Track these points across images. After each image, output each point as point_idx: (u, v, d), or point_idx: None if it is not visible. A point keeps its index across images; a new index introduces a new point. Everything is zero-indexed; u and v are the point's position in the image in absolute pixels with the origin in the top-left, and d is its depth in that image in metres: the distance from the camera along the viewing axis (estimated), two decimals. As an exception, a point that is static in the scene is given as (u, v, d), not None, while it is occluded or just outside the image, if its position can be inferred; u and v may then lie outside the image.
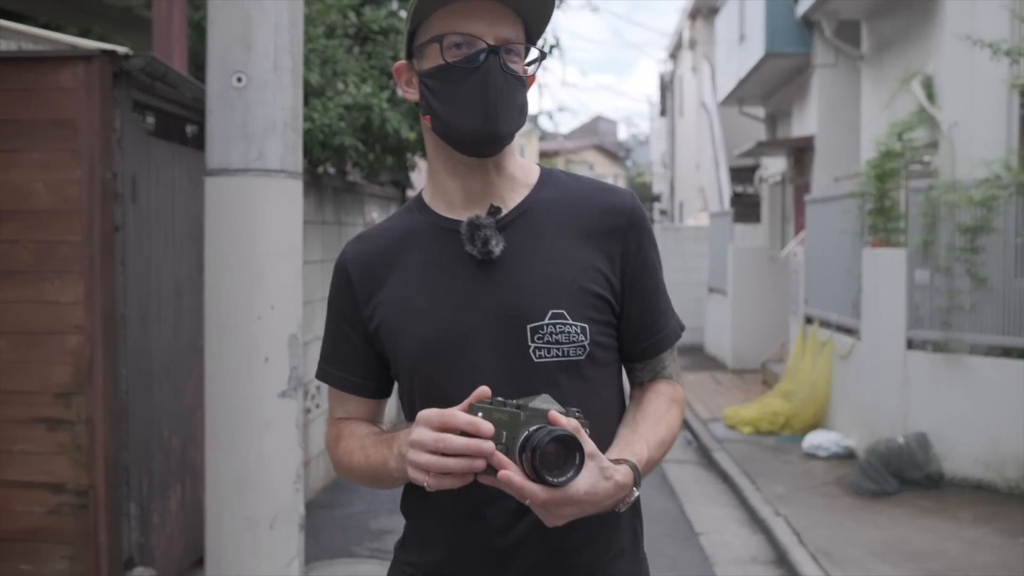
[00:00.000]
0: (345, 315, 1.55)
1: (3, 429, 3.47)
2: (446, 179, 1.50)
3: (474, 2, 1.39)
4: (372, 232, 1.60)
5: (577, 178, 1.58)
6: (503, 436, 1.24)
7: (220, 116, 3.28)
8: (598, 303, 1.46)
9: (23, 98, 3.46)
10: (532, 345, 1.42)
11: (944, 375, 6.57)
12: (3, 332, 3.47)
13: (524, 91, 1.45)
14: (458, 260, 1.45)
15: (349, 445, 1.53)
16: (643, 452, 1.41)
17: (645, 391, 1.57)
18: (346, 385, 1.58)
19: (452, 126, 1.42)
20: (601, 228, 1.49)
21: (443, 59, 1.40)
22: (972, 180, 6.37)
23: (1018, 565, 4.90)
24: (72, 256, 3.44)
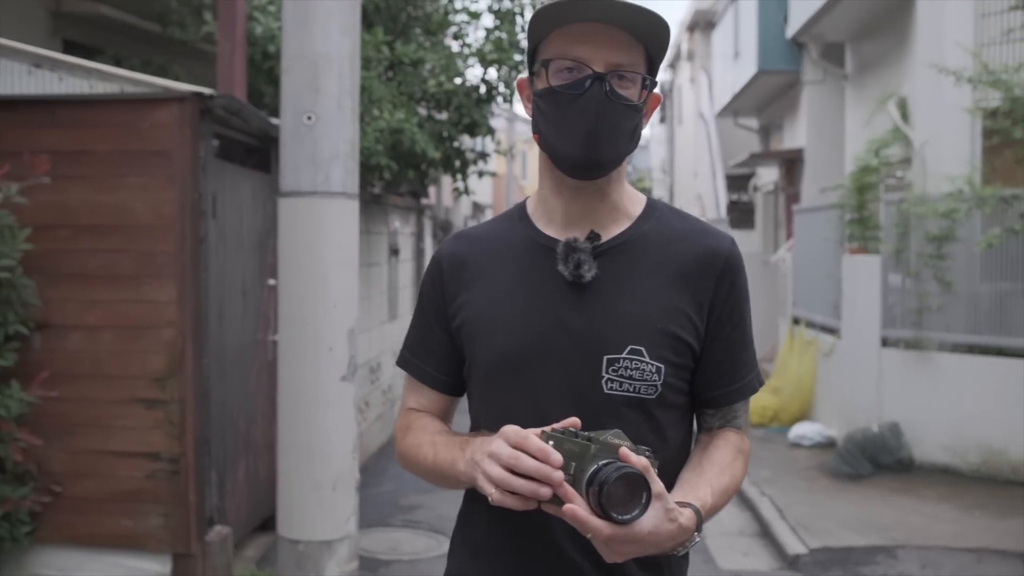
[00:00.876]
0: (433, 308, 1.58)
1: (110, 408, 4.16)
2: (550, 196, 1.52)
3: (588, 25, 1.38)
4: (472, 232, 1.62)
5: (681, 215, 1.57)
6: (571, 467, 1.23)
7: (292, 148, 3.99)
8: (678, 346, 1.45)
9: (126, 132, 4.15)
10: (605, 376, 1.42)
11: (914, 370, 7.26)
12: (110, 327, 4.16)
13: (634, 117, 1.44)
14: (549, 278, 1.47)
15: (418, 438, 1.54)
16: (707, 497, 1.40)
17: (713, 437, 1.55)
18: (424, 377, 1.60)
19: (555, 148, 1.44)
20: (695, 271, 1.48)
21: (549, 82, 1.42)
22: (939, 194, 7.07)
23: (969, 533, 5.59)
24: (166, 263, 4.13)
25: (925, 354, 7.21)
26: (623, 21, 1.37)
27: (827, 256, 8.51)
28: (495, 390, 1.49)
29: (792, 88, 12.35)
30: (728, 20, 14.22)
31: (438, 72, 6.43)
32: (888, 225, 7.42)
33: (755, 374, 1.57)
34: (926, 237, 7.07)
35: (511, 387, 1.45)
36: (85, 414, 4.17)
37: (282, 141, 4.03)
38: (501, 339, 1.47)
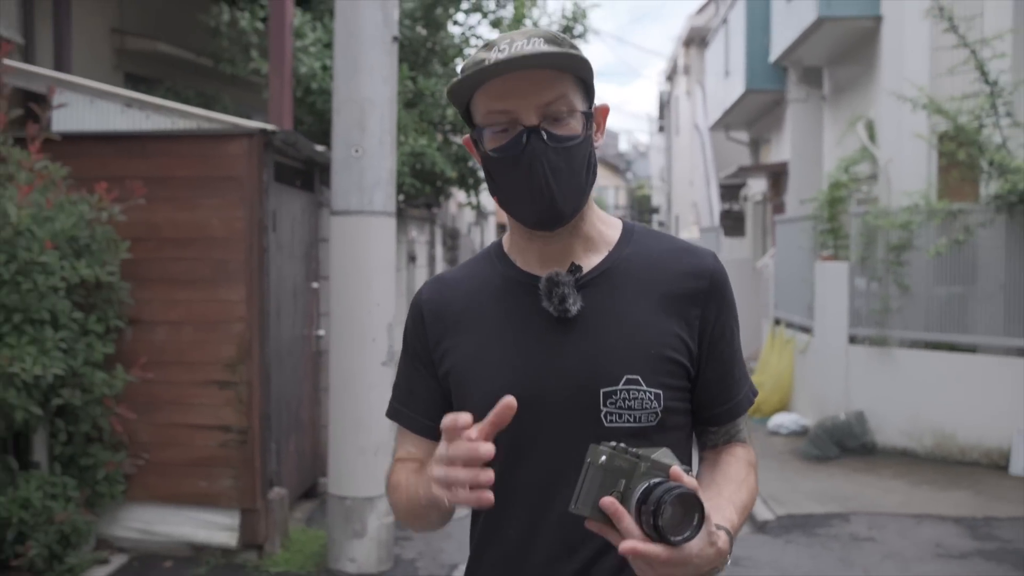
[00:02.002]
0: (418, 355, 1.53)
1: (189, 388, 5.04)
2: (522, 242, 1.49)
3: (507, 77, 1.33)
4: (449, 276, 1.57)
5: (659, 236, 1.54)
6: (621, 484, 1.20)
7: (342, 176, 4.88)
8: (674, 369, 1.42)
9: (203, 162, 5.03)
10: (604, 410, 1.38)
11: (878, 365, 8.14)
12: (190, 322, 5.04)
13: (583, 149, 1.38)
14: (533, 316, 1.43)
15: (397, 479, 1.50)
16: (734, 517, 1.37)
17: (721, 454, 1.52)
18: (414, 425, 1.54)
19: (514, 211, 1.42)
20: (681, 291, 1.45)
21: (486, 149, 1.38)
22: (898, 208, 7.95)
23: (915, 503, 6.47)
24: (236, 269, 5.01)
25: (887, 350, 8.08)
26: (538, 63, 1.32)
27: (803, 263, 9.39)
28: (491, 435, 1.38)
29: (778, 105, 13.24)
30: (719, 40, 15.12)
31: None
32: (855, 235, 8.30)
33: (749, 385, 1.55)
34: (887, 246, 7.95)
35: (508, 431, 1.30)
36: (169, 393, 5.06)
37: (334, 169, 4.92)
38: (492, 383, 1.40)
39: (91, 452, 4.87)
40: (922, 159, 8.19)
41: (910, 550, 5.55)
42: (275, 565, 5.01)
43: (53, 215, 4.50)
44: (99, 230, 4.73)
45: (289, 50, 5.94)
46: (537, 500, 1.40)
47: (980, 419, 7.48)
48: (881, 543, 5.69)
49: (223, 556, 5.08)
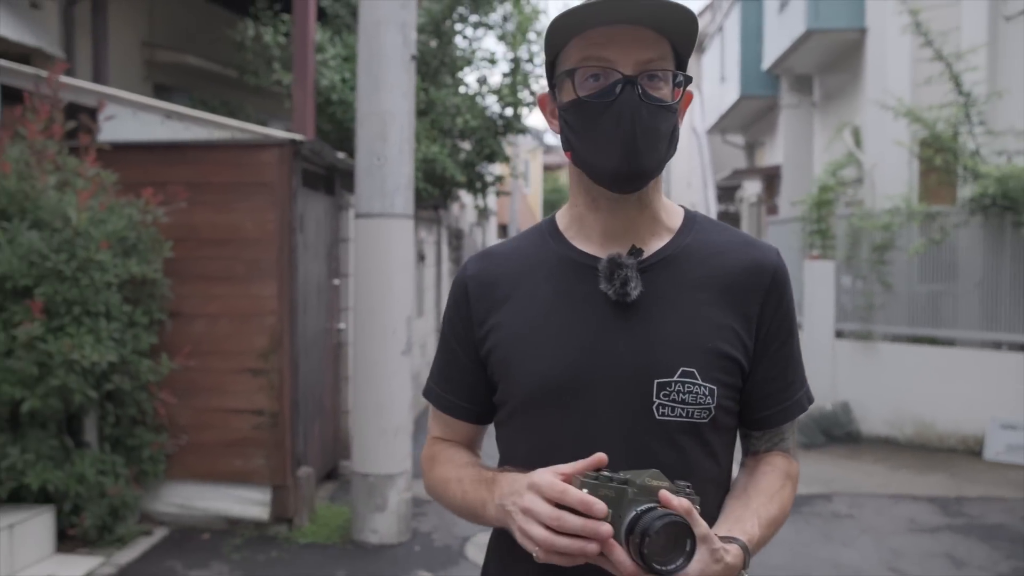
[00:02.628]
0: (457, 334, 1.48)
1: (225, 376, 5.52)
2: (586, 212, 1.43)
3: (609, 27, 1.30)
4: (498, 250, 1.52)
5: (722, 227, 1.49)
6: (608, 515, 1.15)
7: (366, 182, 5.36)
8: (729, 365, 1.37)
9: (238, 169, 5.51)
10: (657, 401, 1.33)
11: (862, 357, 8.62)
12: (226, 315, 5.52)
13: (671, 118, 1.34)
14: (589, 298, 1.38)
15: (446, 473, 1.48)
16: (755, 531, 1.32)
17: (760, 462, 1.47)
18: (449, 407, 1.52)
19: (592, 163, 1.35)
20: (742, 285, 1.40)
21: (576, 93, 1.33)
22: (880, 210, 8.43)
23: (893, 485, 6.96)
24: (268, 267, 5.50)
25: (871, 344, 8.57)
26: (646, 18, 1.29)
27: (793, 262, 9.86)
28: (535, 418, 1.38)
29: (771, 111, 13.73)
30: (716, 47, 15.61)
31: (464, 111, 7.82)
32: (841, 236, 8.78)
33: (804, 391, 1.49)
34: (871, 246, 8.43)
35: (553, 416, 1.33)
36: (206, 380, 5.54)
37: (358, 176, 5.41)
38: (541, 364, 1.37)
39: (136, 433, 5.36)
40: (904, 164, 8.67)
41: (885, 526, 6.03)
42: (304, 536, 5.49)
43: (106, 217, 4.98)
44: (145, 231, 5.21)
45: (312, 65, 6.41)
46: None
47: (957, 408, 7.96)
48: (859, 520, 6.18)
49: (256, 529, 5.56)
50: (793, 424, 1.50)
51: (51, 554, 4.96)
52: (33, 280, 4.70)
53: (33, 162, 4.88)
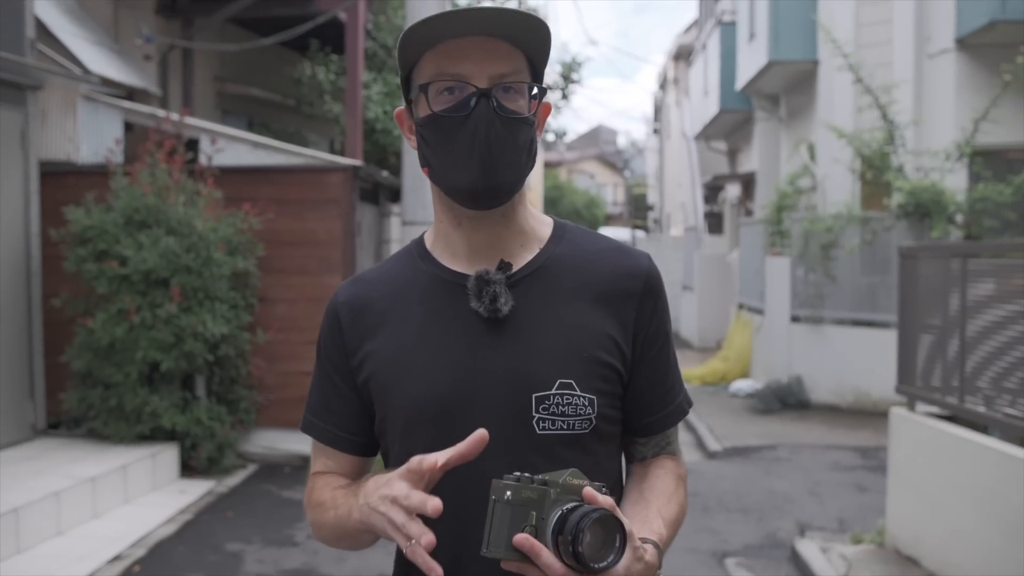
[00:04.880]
0: (333, 362, 1.44)
1: (301, 346, 7.17)
2: (450, 230, 1.40)
3: (463, 40, 1.28)
4: (368, 275, 1.48)
5: (592, 236, 1.47)
6: (532, 517, 1.13)
7: (411, 197, 7.02)
8: (608, 373, 1.36)
9: (312, 188, 7.17)
10: (536, 416, 1.32)
11: (813, 338, 10.29)
12: (302, 299, 7.17)
13: (528, 131, 1.32)
14: (461, 317, 1.35)
15: (320, 497, 1.42)
16: (663, 531, 1.32)
17: (649, 467, 1.46)
18: (329, 438, 1.45)
19: (448, 179, 1.33)
20: (615, 292, 1.39)
21: (431, 108, 1.30)
22: (827, 215, 10.09)
23: (828, 439, 8.63)
24: (335, 263, 7.15)
25: (820, 327, 10.23)
26: (499, 30, 1.27)
27: (759, 258, 11.53)
28: (415, 443, 1.30)
29: (748, 123, 15.37)
30: (700, 62, 17.26)
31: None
32: (796, 236, 10.43)
33: (683, 395, 1.49)
34: (820, 245, 10.08)
35: (433, 439, 1.27)
36: (287, 350, 7.20)
37: (404, 193, 7.05)
38: (417, 388, 1.34)
39: (235, 390, 7.02)
40: (848, 176, 10.31)
41: (814, 466, 7.70)
42: (362, 469, 7.16)
43: (219, 226, 6.63)
44: (244, 236, 6.87)
45: (360, 100, 8.08)
46: (466, 516, 1.27)
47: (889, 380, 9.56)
48: (794, 462, 7.85)
49: (325, 464, 7.23)
50: (676, 427, 1.49)
51: (177, 478, 6.64)
52: (169, 273, 6.35)
53: (167, 184, 6.54)
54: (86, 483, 5.67)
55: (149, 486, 6.30)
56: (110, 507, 5.87)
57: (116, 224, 6.38)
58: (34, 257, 6.75)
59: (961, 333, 4.89)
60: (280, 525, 5.83)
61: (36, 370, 6.77)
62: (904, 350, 5.58)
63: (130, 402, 6.40)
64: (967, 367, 4.84)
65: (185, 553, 5.30)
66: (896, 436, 5.56)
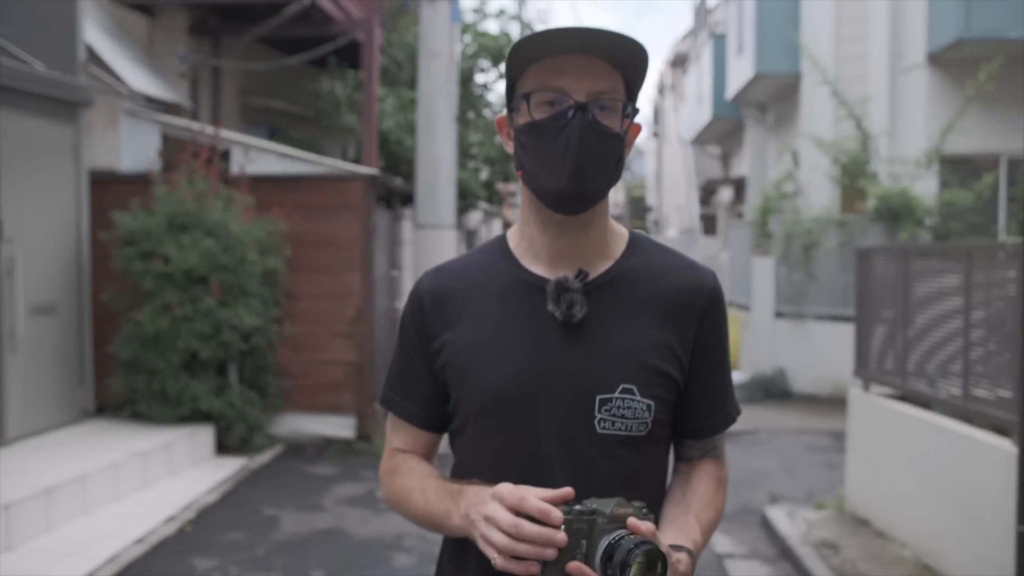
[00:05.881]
0: (415, 346, 1.54)
1: (324, 337, 7.90)
2: (536, 233, 1.50)
3: (567, 56, 1.38)
4: (452, 267, 1.59)
5: (663, 250, 1.57)
6: (583, 546, 1.25)
7: (424, 203, 7.78)
8: (666, 382, 1.46)
9: (333, 194, 7.91)
10: (598, 416, 1.42)
11: (795, 333, 11.03)
12: (325, 295, 7.91)
13: (618, 147, 1.43)
14: (537, 317, 1.46)
15: (408, 483, 1.54)
16: (698, 538, 1.43)
17: (694, 468, 1.57)
18: (410, 416, 1.57)
19: (540, 183, 1.43)
20: (680, 306, 1.49)
21: (531, 116, 1.41)
22: (808, 218, 10.83)
23: (804, 425, 9.38)
24: (354, 262, 7.89)
25: (802, 322, 10.97)
26: (601, 50, 1.38)
27: (745, 258, 12.27)
28: (485, 429, 1.47)
29: (739, 129, 16.12)
30: (694, 71, 18.01)
31: (485, 143, 10.24)
32: (779, 237, 11.17)
33: (734, 404, 1.61)
34: (801, 245, 10.82)
35: (502, 427, 1.43)
36: (311, 341, 7.95)
37: (418, 199, 7.82)
38: (492, 378, 1.45)
39: (264, 377, 7.76)
40: (828, 182, 11.06)
41: (789, 447, 8.45)
42: (379, 449, 7.88)
43: (251, 229, 7.37)
44: (273, 238, 7.61)
45: (376, 114, 8.82)
46: None
47: (864, 371, 10.36)
48: (771, 444, 8.60)
49: (345, 445, 7.97)
50: (724, 433, 1.60)
51: (213, 455, 7.38)
52: (208, 271, 7.09)
53: (205, 191, 7.28)
54: (138, 457, 6.41)
55: (190, 461, 7.04)
56: (158, 478, 6.61)
57: (160, 227, 7.11)
58: (84, 257, 7.50)
59: (904, 324, 5.63)
60: (308, 495, 6.58)
61: (86, 359, 7.52)
62: (860, 338, 6.33)
63: (172, 387, 7.13)
64: (913, 353, 5.58)
65: (228, 516, 6.05)
66: (853, 414, 6.31)
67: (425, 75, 7.77)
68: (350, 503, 6.42)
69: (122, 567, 5.04)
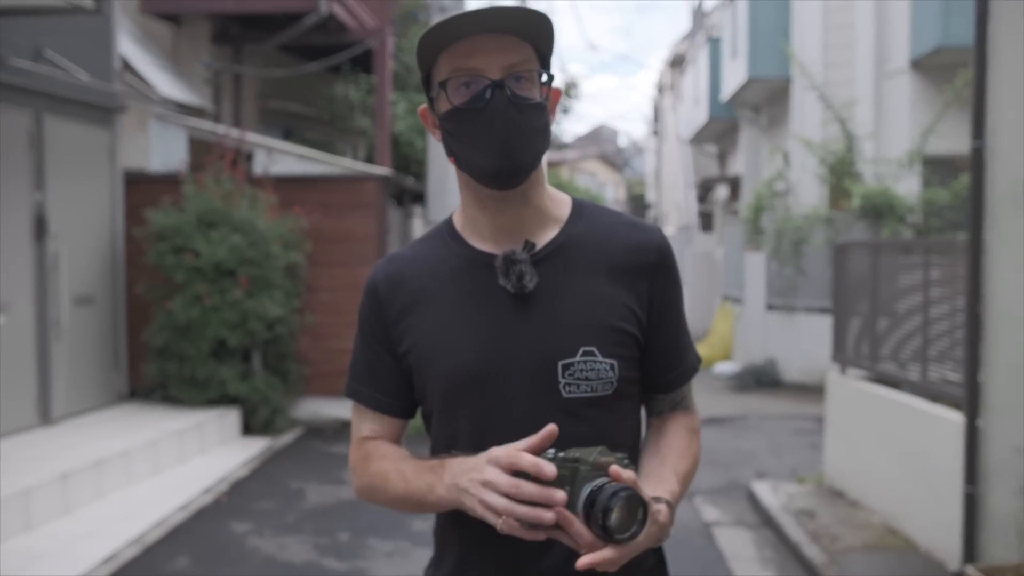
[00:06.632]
0: (376, 334, 1.56)
1: (341, 327, 8.46)
2: (476, 213, 1.52)
3: (474, 38, 1.40)
4: (404, 254, 1.61)
5: (608, 212, 1.60)
6: (566, 491, 1.26)
7: (435, 202, 8.33)
8: (626, 340, 1.49)
9: (350, 193, 8.47)
10: (562, 381, 1.45)
11: (786, 325, 11.59)
12: (342, 287, 8.46)
13: (541, 115, 1.45)
14: (491, 293, 1.48)
15: (383, 466, 1.53)
16: (675, 488, 1.46)
17: (665, 421, 1.61)
18: (376, 404, 1.58)
19: (472, 164, 1.45)
20: (631, 265, 1.52)
21: (451, 103, 1.42)
22: (798, 215, 11.39)
23: (792, 411, 9.94)
24: (369, 257, 8.45)
25: (791, 315, 11.52)
26: (506, 26, 1.40)
27: (739, 253, 12.82)
28: (455, 410, 1.49)
29: (734, 129, 16.67)
30: (691, 72, 18.55)
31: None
32: (770, 234, 11.73)
33: (694, 354, 1.64)
34: (791, 241, 11.38)
35: (473, 405, 1.46)
36: (329, 330, 8.51)
37: (429, 198, 8.36)
38: (454, 361, 1.47)
39: (285, 364, 8.33)
40: (816, 181, 11.61)
41: (777, 431, 9.01)
42: (393, 431, 8.47)
43: (275, 226, 7.93)
44: (295, 234, 8.17)
45: (388, 117, 9.38)
46: None
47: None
48: (760, 428, 9.16)
49: (361, 427, 8.53)
50: (690, 384, 1.64)
51: (239, 436, 7.95)
52: (236, 264, 7.65)
53: (231, 191, 7.84)
54: (174, 435, 6.98)
55: (219, 441, 7.61)
56: (191, 455, 7.18)
57: (190, 224, 7.67)
58: (119, 251, 8.07)
59: (875, 312, 6.20)
60: (330, 470, 7.14)
61: (120, 346, 8.10)
62: (838, 326, 6.89)
63: (201, 372, 7.70)
64: (883, 339, 6.14)
65: (259, 488, 6.62)
66: (831, 395, 6.88)
67: (436, 82, 8.30)
68: (369, 477, 7.00)
69: (169, 529, 5.61)
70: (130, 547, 5.23)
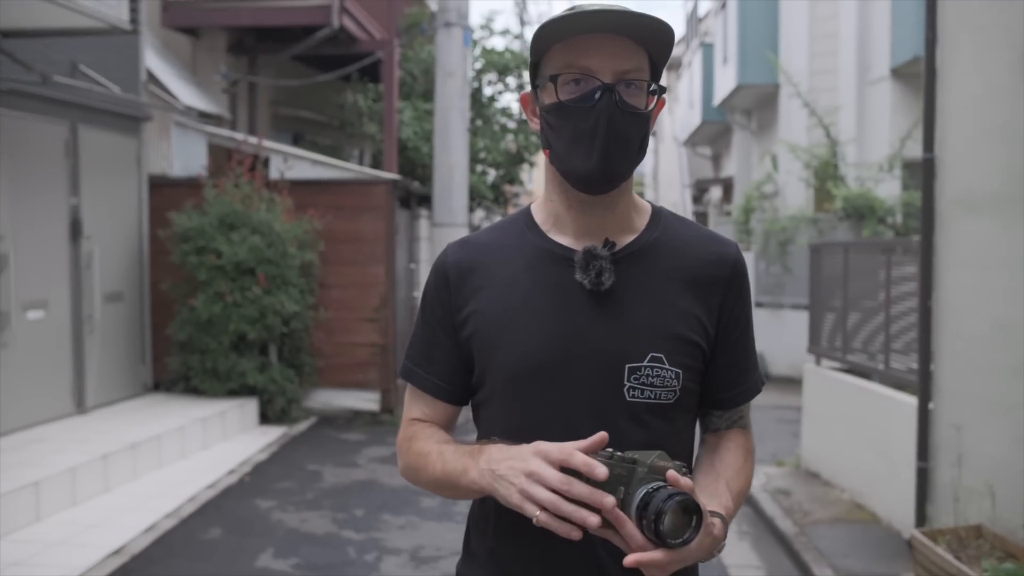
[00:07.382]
0: (439, 317, 1.55)
1: (353, 322, 9.01)
2: (562, 210, 1.51)
3: (592, 36, 1.38)
4: (477, 239, 1.59)
5: (686, 223, 1.59)
6: (620, 491, 1.24)
7: (441, 204, 8.89)
8: (693, 351, 1.47)
9: (361, 197, 9.01)
10: (627, 384, 1.43)
11: (774, 320, 12.13)
12: (354, 285, 9.01)
13: (643, 126, 1.43)
14: (565, 287, 1.47)
15: (425, 448, 1.53)
16: (730, 504, 1.43)
17: (721, 439, 1.59)
18: (431, 388, 1.57)
19: (567, 163, 1.43)
20: (705, 277, 1.50)
21: (558, 97, 1.41)
22: (785, 216, 11.94)
23: (778, 401, 10.49)
24: (379, 256, 9.00)
25: (779, 312, 12.08)
26: (626, 29, 1.38)
27: (730, 252, 13.36)
28: (515, 399, 1.47)
29: (727, 133, 17.22)
30: (686, 76, 19.10)
31: (491, 149, 11.36)
32: (758, 234, 12.28)
33: (759, 375, 1.63)
34: (778, 241, 11.93)
35: (532, 396, 1.44)
36: (341, 325, 9.07)
37: (435, 200, 8.91)
38: (522, 347, 1.46)
39: (300, 357, 8.88)
40: (802, 184, 12.17)
41: (762, 420, 9.56)
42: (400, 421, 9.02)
43: (291, 227, 8.48)
44: (309, 235, 8.72)
45: (395, 124, 9.92)
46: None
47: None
48: (747, 417, 9.71)
49: (371, 417, 9.09)
50: (749, 404, 1.62)
51: (257, 425, 8.51)
52: (255, 263, 8.20)
53: (250, 194, 8.40)
54: (199, 422, 7.54)
55: (239, 428, 8.17)
56: (214, 441, 7.73)
57: (212, 225, 8.22)
58: (145, 251, 8.62)
59: (845, 307, 6.76)
60: (344, 455, 7.70)
61: (146, 340, 8.65)
62: (813, 320, 7.45)
63: (223, 364, 8.25)
64: (853, 332, 6.69)
65: (279, 470, 7.17)
66: (807, 385, 7.44)
67: (441, 92, 8.88)
68: (380, 461, 7.55)
69: (200, 505, 6.17)
70: (167, 519, 5.79)
